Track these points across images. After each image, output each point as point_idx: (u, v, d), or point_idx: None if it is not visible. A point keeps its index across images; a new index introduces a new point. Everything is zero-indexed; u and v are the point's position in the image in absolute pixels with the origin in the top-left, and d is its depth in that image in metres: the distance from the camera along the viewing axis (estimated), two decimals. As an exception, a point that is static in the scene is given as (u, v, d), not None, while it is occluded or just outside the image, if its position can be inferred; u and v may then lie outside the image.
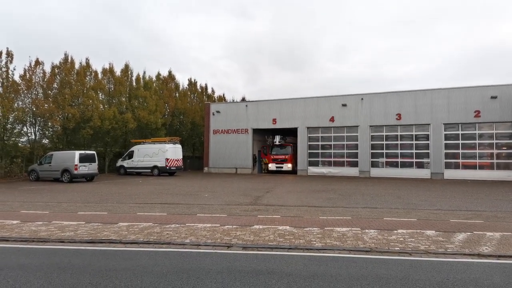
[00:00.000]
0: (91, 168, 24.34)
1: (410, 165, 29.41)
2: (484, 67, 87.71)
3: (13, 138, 27.24)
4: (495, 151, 27.18)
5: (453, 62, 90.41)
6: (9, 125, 26.61)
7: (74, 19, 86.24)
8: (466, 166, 27.81)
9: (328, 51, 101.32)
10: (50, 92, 29.24)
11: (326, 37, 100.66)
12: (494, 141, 27.25)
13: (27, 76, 27.74)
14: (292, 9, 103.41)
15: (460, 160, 27.98)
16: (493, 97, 26.80)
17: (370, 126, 30.49)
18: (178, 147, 31.38)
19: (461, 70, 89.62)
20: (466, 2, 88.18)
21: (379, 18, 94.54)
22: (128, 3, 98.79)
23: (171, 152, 30.09)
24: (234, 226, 9.04)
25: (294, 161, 34.06)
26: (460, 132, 28.11)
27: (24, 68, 27.79)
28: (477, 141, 27.69)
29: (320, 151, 32.64)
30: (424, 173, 28.59)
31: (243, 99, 51.44)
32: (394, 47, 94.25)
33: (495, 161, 27.13)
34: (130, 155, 31.21)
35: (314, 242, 7.47)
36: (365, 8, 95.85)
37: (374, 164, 30.43)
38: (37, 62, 28.45)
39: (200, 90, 47.69)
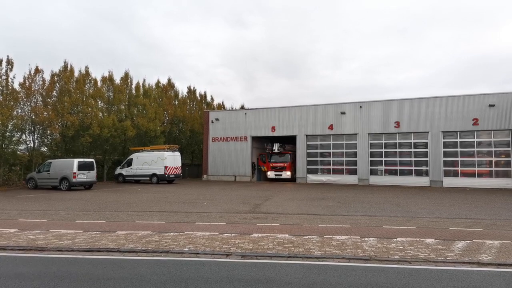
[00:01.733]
0: (90, 176, 24.28)
1: (409, 173, 29.42)
2: (480, 75, 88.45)
3: (12, 146, 27.15)
4: (493, 159, 27.23)
5: (449, 70, 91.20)
6: (8, 133, 26.52)
7: (71, 27, 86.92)
8: (465, 174, 27.83)
9: (324, 59, 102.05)
10: (49, 100, 29.32)
11: (321, 44, 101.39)
12: (493, 149, 27.31)
13: (27, 84, 27.82)
14: (287, 17, 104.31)
15: (459, 168, 28.00)
16: (491, 105, 26.92)
17: (369, 134, 30.56)
18: (177, 154, 31.37)
19: (457, 77, 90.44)
20: (461, 9, 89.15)
21: (374, 25, 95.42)
22: (124, 11, 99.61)
23: (170, 160, 30.07)
24: (233, 235, 9.01)
25: (293, 169, 34.05)
26: (458, 140, 28.18)
27: (24, 76, 27.95)
28: (475, 149, 27.74)
29: (319, 159, 32.65)
30: (423, 181, 28.58)
31: (242, 107, 51.57)
32: (390, 55, 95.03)
33: (493, 169, 27.16)
34: (129, 163, 31.17)
35: (313, 251, 7.45)
36: (360, 15, 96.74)
37: (373, 172, 30.43)
38: (37, 70, 28.55)
39: (199, 98, 47.82)
